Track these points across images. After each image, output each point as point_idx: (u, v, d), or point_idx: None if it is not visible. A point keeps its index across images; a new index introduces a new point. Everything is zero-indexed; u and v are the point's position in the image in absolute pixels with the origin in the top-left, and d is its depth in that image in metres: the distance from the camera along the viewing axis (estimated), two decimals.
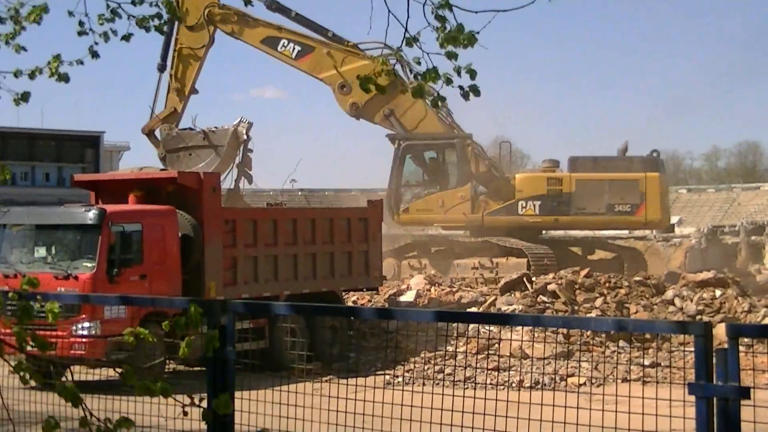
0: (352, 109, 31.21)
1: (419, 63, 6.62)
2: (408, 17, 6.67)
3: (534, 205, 32.28)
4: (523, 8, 6.59)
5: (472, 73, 6.42)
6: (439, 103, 7.20)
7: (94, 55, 7.77)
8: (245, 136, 27.61)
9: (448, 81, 6.47)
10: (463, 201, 32.03)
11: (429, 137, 32.17)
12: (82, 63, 7.53)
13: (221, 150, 27.39)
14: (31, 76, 7.16)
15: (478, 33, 6.42)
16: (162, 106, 29.71)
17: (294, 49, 30.41)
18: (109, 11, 7.67)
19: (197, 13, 29.22)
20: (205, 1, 29.53)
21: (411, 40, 6.64)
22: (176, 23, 27.68)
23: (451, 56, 6.46)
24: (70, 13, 7.69)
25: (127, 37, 7.82)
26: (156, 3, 7.76)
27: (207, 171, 26.18)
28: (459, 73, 6.43)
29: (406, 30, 6.66)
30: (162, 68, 29.47)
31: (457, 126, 32.31)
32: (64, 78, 7.19)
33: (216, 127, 28.00)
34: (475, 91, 6.55)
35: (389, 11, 6.67)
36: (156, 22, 7.78)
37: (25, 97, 7.03)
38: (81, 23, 7.72)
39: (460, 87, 6.49)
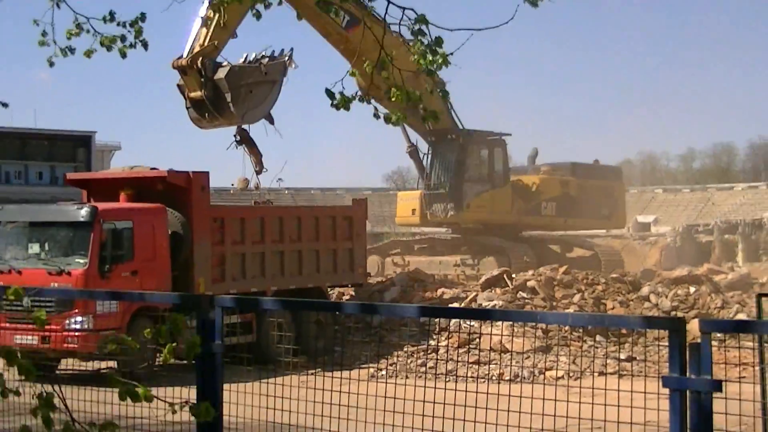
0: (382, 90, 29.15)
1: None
2: (384, 34, 7.04)
3: (552, 206, 33.22)
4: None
5: (445, 94, 6.80)
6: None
7: (51, 64, 8.00)
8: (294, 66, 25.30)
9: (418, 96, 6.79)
10: (505, 198, 32.30)
11: (486, 133, 32.05)
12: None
13: (277, 86, 25.22)
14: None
15: (451, 54, 6.76)
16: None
17: (344, 18, 27.14)
18: (75, 25, 7.78)
19: None
20: None
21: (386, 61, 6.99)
22: None
23: (430, 73, 6.74)
24: (35, 22, 7.85)
25: (89, 53, 7.96)
26: (124, 24, 7.87)
27: (269, 110, 25.31)
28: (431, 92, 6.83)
29: (381, 48, 7.04)
30: None
31: (460, 122, 32.06)
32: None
33: (269, 58, 25.15)
34: (434, 116, 6.82)
35: (366, 26, 7.01)
36: (119, 44, 7.88)
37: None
38: (44, 33, 7.88)
39: (423, 108, 6.82)
